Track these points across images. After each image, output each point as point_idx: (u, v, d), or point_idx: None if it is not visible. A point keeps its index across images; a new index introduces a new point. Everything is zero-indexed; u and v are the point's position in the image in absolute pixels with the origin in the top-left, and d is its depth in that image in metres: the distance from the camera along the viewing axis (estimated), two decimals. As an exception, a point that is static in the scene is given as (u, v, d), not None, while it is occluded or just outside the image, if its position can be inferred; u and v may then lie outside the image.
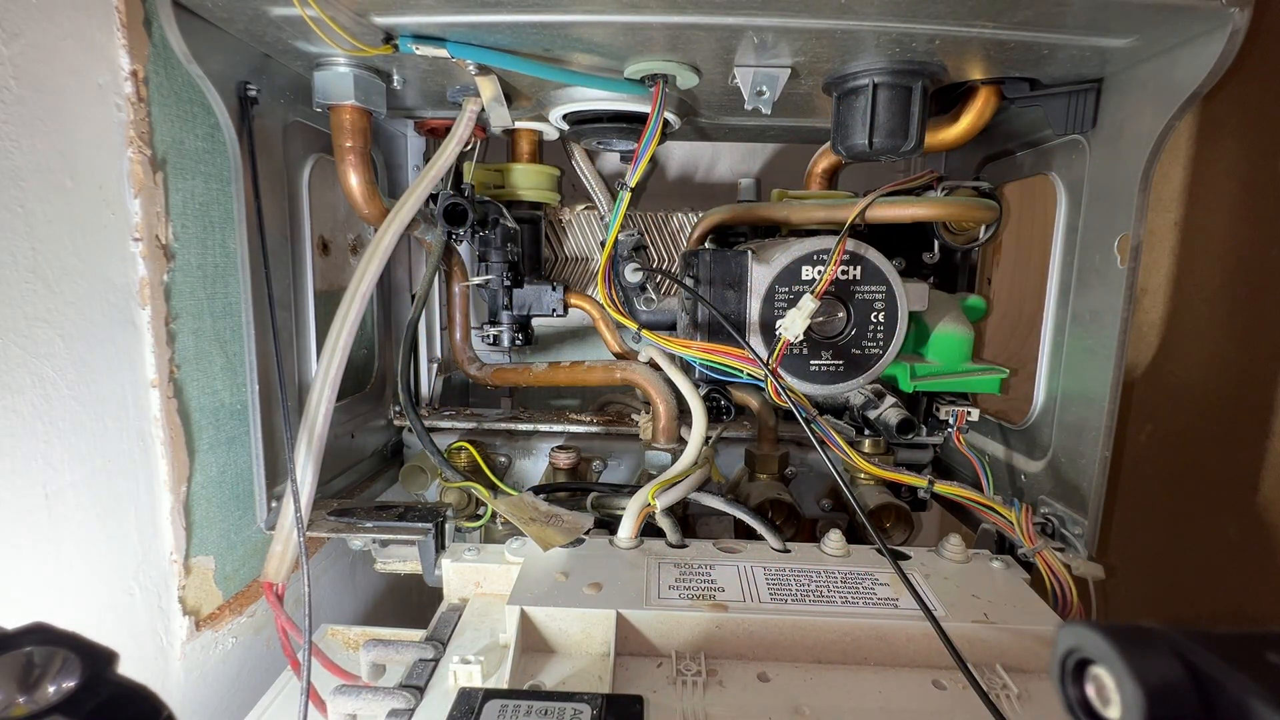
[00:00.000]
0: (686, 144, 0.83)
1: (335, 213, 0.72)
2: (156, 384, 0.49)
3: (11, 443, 0.39)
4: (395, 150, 0.80)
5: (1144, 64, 0.49)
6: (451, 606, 0.55)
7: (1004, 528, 0.57)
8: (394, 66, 0.56)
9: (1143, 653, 0.17)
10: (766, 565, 0.52)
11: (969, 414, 0.66)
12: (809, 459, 0.76)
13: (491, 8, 0.44)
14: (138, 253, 0.47)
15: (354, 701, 0.44)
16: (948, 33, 0.45)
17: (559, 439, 0.79)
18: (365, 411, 0.77)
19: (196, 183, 0.51)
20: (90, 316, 0.44)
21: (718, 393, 0.65)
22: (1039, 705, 0.42)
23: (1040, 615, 0.47)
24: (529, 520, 0.56)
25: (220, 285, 0.54)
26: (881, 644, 0.45)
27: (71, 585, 0.43)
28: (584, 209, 0.82)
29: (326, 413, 0.53)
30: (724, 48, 0.48)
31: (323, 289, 0.67)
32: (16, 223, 0.39)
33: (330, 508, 0.60)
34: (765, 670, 0.44)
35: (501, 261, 0.74)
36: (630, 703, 0.35)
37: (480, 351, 0.80)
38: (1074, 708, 0.19)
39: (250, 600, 0.59)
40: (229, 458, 0.56)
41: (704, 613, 0.46)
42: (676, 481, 0.58)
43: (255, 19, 0.47)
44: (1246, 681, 0.16)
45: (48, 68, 0.40)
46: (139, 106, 0.46)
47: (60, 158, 0.42)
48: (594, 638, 0.46)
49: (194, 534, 0.52)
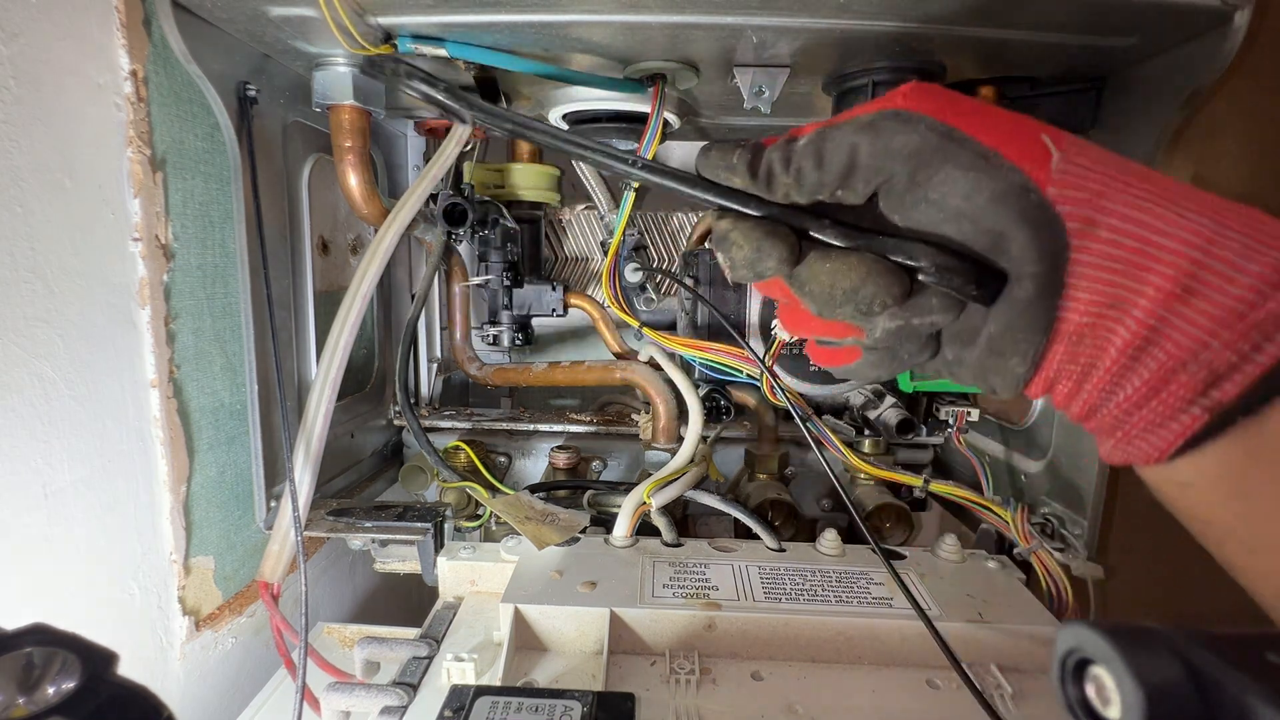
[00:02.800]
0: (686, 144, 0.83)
1: (335, 213, 0.71)
2: (156, 384, 0.49)
3: (11, 443, 0.39)
4: (395, 150, 0.80)
5: (1144, 64, 0.49)
6: (446, 604, 0.55)
7: (1001, 527, 0.57)
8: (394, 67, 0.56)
9: (1143, 653, 0.17)
10: (761, 564, 0.52)
11: (969, 414, 0.66)
12: (808, 459, 0.76)
13: (490, 8, 0.44)
14: (137, 253, 0.47)
15: (347, 699, 0.44)
16: (947, 32, 0.45)
17: (559, 439, 0.79)
18: (365, 411, 0.77)
19: (196, 183, 0.51)
20: (90, 316, 0.44)
21: (717, 393, 0.65)
22: (1033, 704, 0.42)
23: (1036, 615, 0.47)
24: (525, 519, 0.56)
25: (220, 285, 0.54)
26: (875, 643, 0.45)
27: (71, 585, 0.43)
28: (584, 209, 0.82)
29: (326, 413, 0.53)
30: (724, 48, 0.48)
31: (323, 289, 0.67)
32: (16, 223, 0.39)
33: (329, 507, 0.60)
34: (759, 669, 0.44)
35: (501, 261, 0.74)
36: (621, 700, 0.35)
37: (480, 351, 0.80)
38: (1074, 708, 0.19)
39: (250, 600, 0.59)
40: (229, 458, 0.56)
41: (698, 611, 0.46)
42: (672, 480, 0.58)
43: (255, 19, 0.47)
44: (1246, 681, 0.16)
45: (47, 67, 0.40)
46: (138, 106, 0.46)
47: (59, 157, 0.41)
48: (588, 636, 0.46)
49: (194, 534, 0.52)
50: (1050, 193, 0.26)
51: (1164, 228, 0.25)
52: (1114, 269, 0.25)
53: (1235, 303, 0.24)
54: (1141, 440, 0.27)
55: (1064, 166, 0.26)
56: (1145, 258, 0.25)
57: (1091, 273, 0.26)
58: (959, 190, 0.27)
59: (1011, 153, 0.26)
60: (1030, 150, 0.26)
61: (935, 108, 0.27)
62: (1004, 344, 0.28)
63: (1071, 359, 0.27)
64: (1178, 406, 0.25)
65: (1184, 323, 0.25)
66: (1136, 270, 0.25)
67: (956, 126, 0.27)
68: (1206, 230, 0.25)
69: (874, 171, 0.28)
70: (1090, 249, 0.26)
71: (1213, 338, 0.24)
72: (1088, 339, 0.26)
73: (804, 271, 0.30)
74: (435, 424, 0.79)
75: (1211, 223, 0.25)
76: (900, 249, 0.28)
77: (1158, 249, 0.25)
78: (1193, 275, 0.24)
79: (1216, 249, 0.24)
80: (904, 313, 0.29)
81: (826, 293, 0.29)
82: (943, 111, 0.27)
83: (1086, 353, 0.27)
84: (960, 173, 0.26)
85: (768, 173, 0.30)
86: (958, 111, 0.27)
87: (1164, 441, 0.26)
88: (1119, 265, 0.25)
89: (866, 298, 0.29)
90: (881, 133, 0.27)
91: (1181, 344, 0.25)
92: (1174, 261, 0.25)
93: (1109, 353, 0.26)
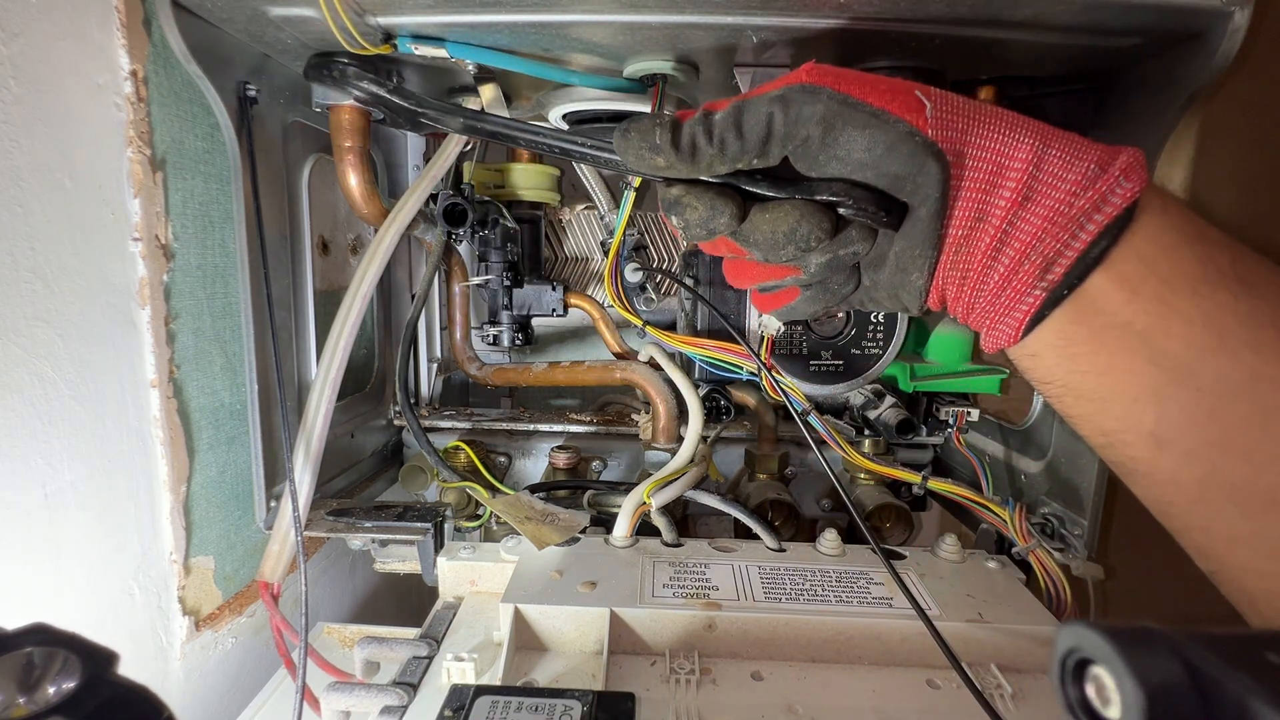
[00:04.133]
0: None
1: (335, 213, 0.72)
2: (156, 384, 0.49)
3: (11, 443, 0.39)
4: (395, 150, 0.80)
5: (1144, 63, 0.49)
6: (446, 604, 0.55)
7: (1000, 527, 0.57)
8: (393, 67, 0.56)
9: (1143, 653, 0.17)
10: (761, 564, 0.52)
11: (969, 414, 0.66)
12: (808, 459, 0.76)
13: (490, 7, 0.44)
14: (137, 252, 0.47)
15: (347, 698, 0.44)
16: (947, 33, 0.45)
17: (559, 439, 0.79)
18: (365, 411, 0.77)
19: (196, 182, 0.51)
20: (90, 316, 0.44)
21: (718, 392, 0.65)
22: (1033, 704, 0.42)
23: (1035, 615, 0.47)
24: (524, 519, 0.56)
25: (220, 285, 0.54)
26: (875, 643, 0.45)
27: (71, 585, 0.43)
28: (584, 209, 0.82)
29: (326, 413, 0.53)
30: (724, 48, 0.48)
31: (323, 289, 0.67)
32: (16, 222, 0.39)
33: (329, 507, 0.60)
34: (759, 669, 0.44)
35: (501, 261, 0.74)
36: (621, 700, 0.35)
37: (480, 351, 0.80)
38: (1073, 708, 0.19)
39: (250, 600, 0.59)
40: (229, 458, 0.56)
41: (698, 611, 0.46)
42: (672, 480, 0.58)
43: (255, 19, 0.47)
44: (1246, 681, 0.16)
45: (47, 67, 0.40)
46: (138, 106, 0.46)
47: (59, 157, 0.41)
48: (588, 636, 0.46)
49: (194, 534, 0.52)
50: (930, 134, 0.32)
51: (1008, 151, 0.32)
52: (978, 188, 0.32)
53: (1058, 204, 0.31)
54: (1002, 325, 0.34)
55: (935, 114, 0.32)
56: (998, 176, 0.32)
57: (964, 194, 0.32)
58: (860, 145, 0.32)
59: (896, 109, 0.32)
60: (910, 104, 0.32)
61: (832, 80, 0.32)
62: (907, 260, 0.34)
63: (954, 266, 0.34)
64: (1023, 292, 0.32)
65: (1024, 224, 0.32)
66: (992, 187, 0.32)
67: (850, 94, 0.32)
68: (1038, 150, 0.31)
69: (788, 137, 0.33)
70: (962, 175, 0.32)
71: (1045, 234, 0.31)
72: (964, 248, 0.33)
73: (748, 225, 0.35)
74: (435, 424, 0.79)
75: (1042, 144, 0.31)
76: (826, 188, 0.34)
77: (1005, 169, 0.32)
78: (1030, 186, 0.31)
79: (1046, 163, 0.31)
80: (832, 246, 0.35)
81: (769, 238, 0.35)
82: (838, 83, 0.32)
83: (963, 260, 0.33)
84: (859, 131, 0.32)
85: (691, 146, 0.33)
86: (848, 81, 0.32)
87: (1015, 322, 0.33)
88: (981, 185, 0.32)
89: (804, 235, 0.34)
90: (792, 104, 0.32)
91: (1024, 241, 0.32)
92: (1016, 177, 0.31)
93: (977, 257, 0.33)
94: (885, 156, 0.32)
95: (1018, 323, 0.33)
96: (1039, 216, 0.31)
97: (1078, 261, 0.31)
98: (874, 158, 0.32)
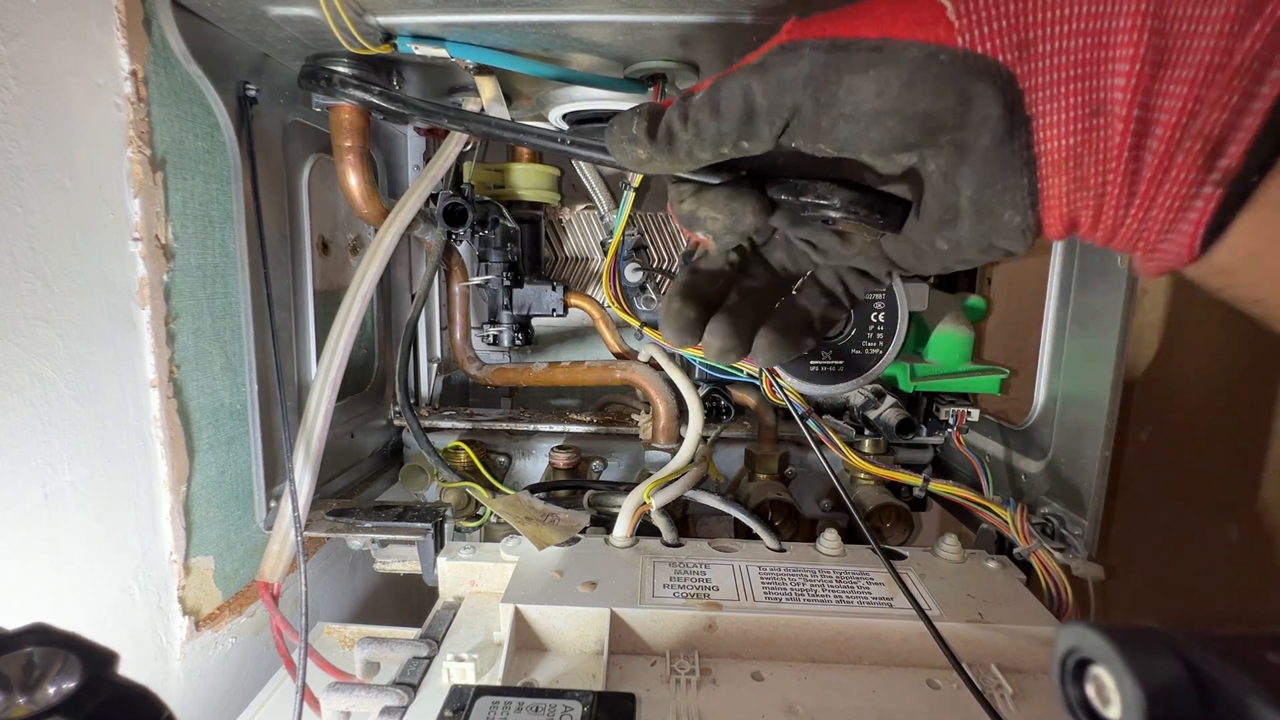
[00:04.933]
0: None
1: (335, 213, 0.72)
2: (156, 384, 0.49)
3: (11, 443, 0.39)
4: (395, 150, 0.80)
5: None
6: (446, 604, 0.55)
7: (1000, 527, 0.57)
8: (393, 67, 0.56)
9: (1143, 653, 0.17)
10: (762, 564, 0.52)
11: (969, 414, 0.66)
12: (808, 459, 0.76)
13: (491, 7, 0.44)
14: (137, 252, 0.47)
15: (347, 699, 0.44)
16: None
17: (559, 439, 0.79)
18: (365, 411, 0.77)
19: (196, 183, 0.51)
20: (90, 316, 0.44)
21: (718, 393, 0.65)
22: (1034, 704, 0.42)
23: (1036, 615, 0.47)
24: (525, 519, 0.56)
25: (220, 285, 0.54)
26: (876, 643, 0.45)
27: (71, 585, 0.43)
28: (584, 209, 0.82)
29: (326, 413, 0.53)
30: (724, 48, 0.48)
31: (323, 289, 0.67)
32: (16, 222, 0.39)
33: (329, 507, 0.60)
34: (759, 669, 0.44)
35: (501, 261, 0.74)
36: (622, 700, 0.35)
37: (480, 351, 0.80)
38: (1074, 708, 0.19)
39: (250, 600, 0.59)
40: (229, 458, 0.56)
41: (698, 611, 0.46)
42: (672, 480, 0.58)
43: (255, 19, 0.47)
44: (1246, 681, 0.16)
45: (47, 67, 0.40)
46: (138, 106, 0.46)
47: (59, 157, 0.41)
48: (588, 636, 0.46)
49: (194, 534, 0.52)
50: (960, 42, 0.24)
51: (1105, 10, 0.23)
52: (1073, 75, 0.23)
53: (1209, 55, 0.21)
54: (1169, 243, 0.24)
55: (962, 9, 0.24)
56: (1100, 49, 0.23)
57: (1052, 90, 0.24)
58: (868, 92, 0.25)
59: (900, 32, 0.25)
60: (917, 18, 0.25)
61: (814, 30, 0.27)
62: (990, 202, 0.26)
63: (1080, 185, 0.25)
64: (1188, 193, 0.23)
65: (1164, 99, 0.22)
66: (1098, 62, 0.23)
67: (839, 35, 0.26)
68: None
69: (774, 109, 0.27)
70: (1039, 69, 0.24)
71: (1198, 103, 0.22)
72: (1086, 157, 0.24)
73: None
74: (435, 424, 0.79)
75: None
76: (811, 190, 0.30)
77: (1109, 34, 0.23)
78: (1156, 46, 0.22)
79: (1167, 7, 0.22)
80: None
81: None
82: (821, 29, 0.26)
83: (1093, 173, 0.24)
84: (860, 76, 0.25)
85: (667, 133, 0.29)
86: (833, 20, 0.26)
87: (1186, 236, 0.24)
88: (1077, 69, 0.23)
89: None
90: (770, 69, 0.27)
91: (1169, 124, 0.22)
92: (1130, 40, 0.22)
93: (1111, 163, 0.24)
94: (905, 96, 0.25)
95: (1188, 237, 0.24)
96: (1181, 83, 0.22)
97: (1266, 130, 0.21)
98: (889, 103, 0.25)
